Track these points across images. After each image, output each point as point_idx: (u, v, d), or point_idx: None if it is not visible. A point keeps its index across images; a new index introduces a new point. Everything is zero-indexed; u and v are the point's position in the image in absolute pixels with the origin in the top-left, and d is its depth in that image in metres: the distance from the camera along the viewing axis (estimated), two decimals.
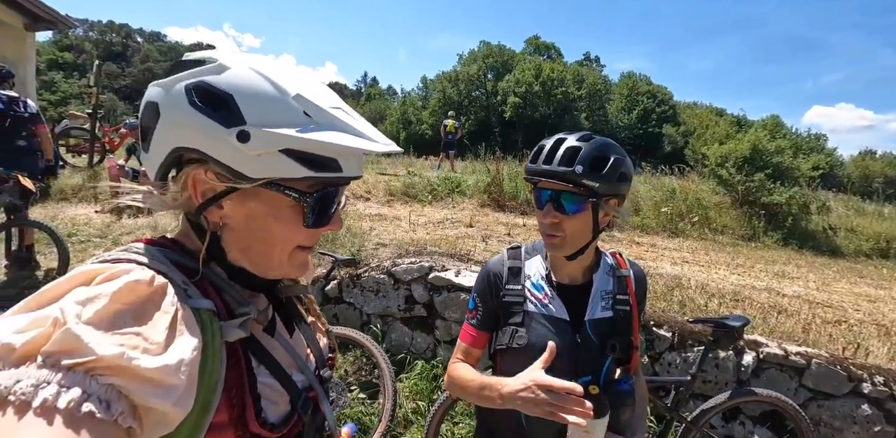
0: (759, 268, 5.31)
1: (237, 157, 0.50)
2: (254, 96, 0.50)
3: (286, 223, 0.55)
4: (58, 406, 0.36)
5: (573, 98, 33.20)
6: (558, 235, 1.01)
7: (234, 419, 0.52)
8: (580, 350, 1.04)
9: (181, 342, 0.44)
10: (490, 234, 4.51)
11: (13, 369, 0.37)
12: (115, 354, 0.39)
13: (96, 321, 0.40)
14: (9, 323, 0.40)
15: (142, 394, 0.40)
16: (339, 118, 0.53)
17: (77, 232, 4.95)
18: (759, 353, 2.36)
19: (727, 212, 8.28)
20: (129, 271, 0.46)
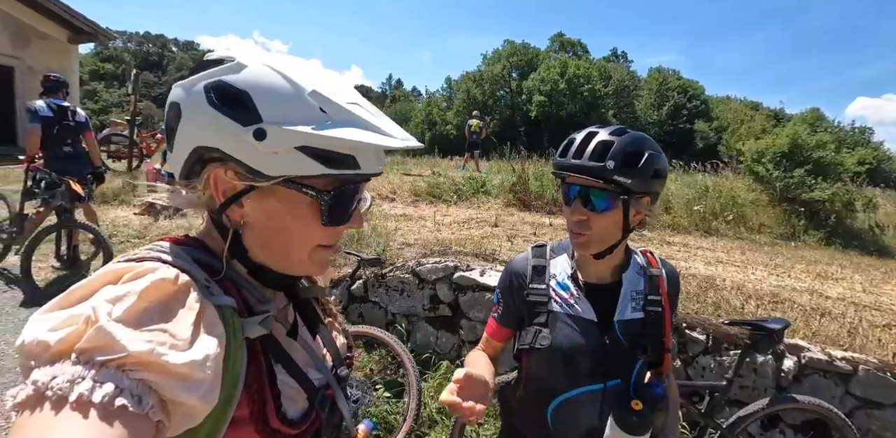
0: (800, 269, 5.06)
1: (254, 155, 0.50)
2: (270, 93, 0.50)
3: (304, 221, 0.55)
4: (93, 401, 0.37)
5: (600, 95, 32.53)
6: (585, 233, 0.98)
7: (254, 414, 0.52)
8: (608, 352, 1.00)
9: (206, 338, 0.45)
10: (516, 234, 4.47)
11: (49, 366, 0.39)
12: (145, 350, 0.40)
13: (126, 318, 0.41)
14: (43, 321, 0.41)
15: (170, 389, 0.41)
16: (355, 114, 0.52)
17: (117, 233, 5.18)
18: (800, 358, 2.24)
19: (764, 209, 7.94)
20: (155, 270, 0.47)
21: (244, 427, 0.52)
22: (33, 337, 0.40)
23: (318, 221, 0.55)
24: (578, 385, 1.00)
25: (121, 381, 0.39)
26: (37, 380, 0.38)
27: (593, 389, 0.99)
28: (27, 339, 0.40)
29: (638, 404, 0.87)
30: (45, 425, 0.36)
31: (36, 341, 0.40)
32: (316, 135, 0.49)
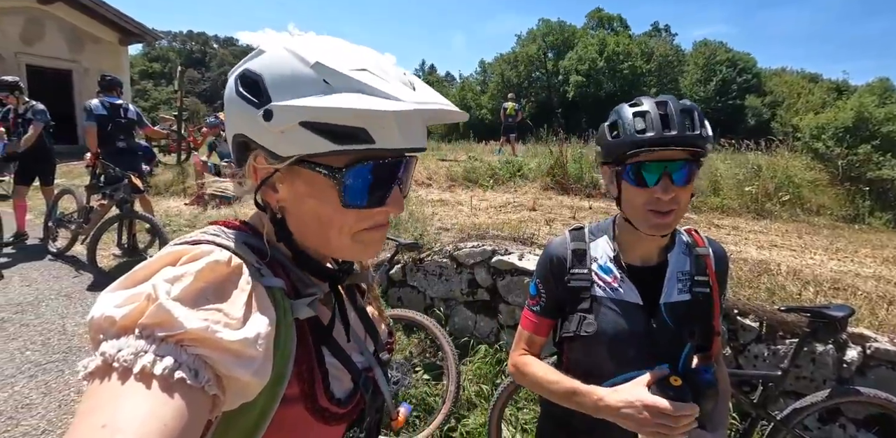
0: (865, 253, 4.69)
1: (269, 137, 0.50)
2: (279, 73, 0.50)
3: (329, 203, 0.53)
4: (154, 373, 0.39)
5: (641, 72, 31.03)
6: (673, 211, 0.91)
7: (304, 391, 0.54)
8: (654, 336, 0.96)
9: (257, 317, 0.47)
10: (554, 218, 4.39)
11: (115, 339, 0.41)
12: (201, 327, 0.42)
13: (182, 297, 0.43)
14: (109, 299, 0.44)
15: (225, 364, 0.43)
16: (358, 80, 0.48)
17: (170, 222, 5.48)
18: (865, 348, 2.09)
19: (824, 190, 7.39)
20: (210, 252, 0.49)
21: (294, 405, 0.53)
22: (101, 313, 0.43)
23: (339, 203, 0.53)
24: (624, 371, 0.97)
25: (179, 356, 0.41)
26: (105, 352, 0.41)
27: (640, 374, 0.95)
28: (96, 315, 0.43)
29: (676, 380, 0.83)
30: (112, 393, 0.39)
31: (104, 316, 0.42)
32: (312, 107, 0.47)
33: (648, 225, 0.94)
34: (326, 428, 0.57)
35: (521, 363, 1.08)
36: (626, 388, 0.88)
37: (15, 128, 4.91)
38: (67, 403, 2.57)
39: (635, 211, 0.95)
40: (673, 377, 0.84)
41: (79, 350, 3.11)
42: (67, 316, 3.57)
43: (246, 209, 5.96)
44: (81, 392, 2.66)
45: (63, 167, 8.83)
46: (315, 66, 0.49)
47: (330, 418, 0.56)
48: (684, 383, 0.83)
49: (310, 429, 0.56)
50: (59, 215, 4.98)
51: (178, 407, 0.39)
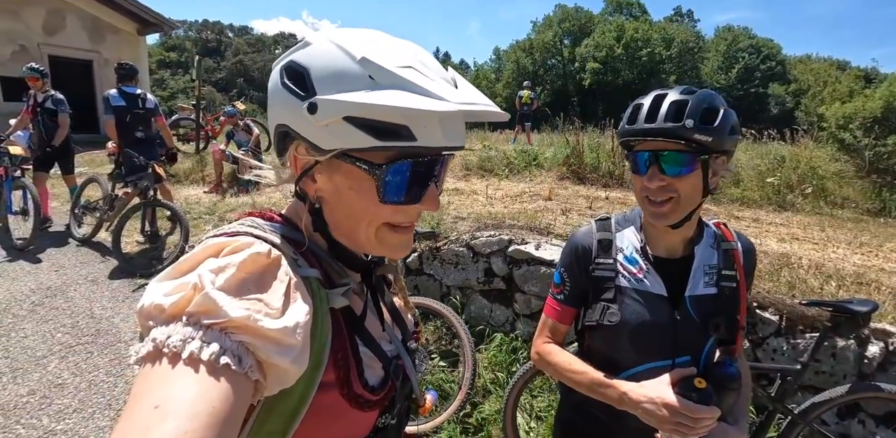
0: (890, 248, 4.58)
1: (312, 130, 0.52)
2: (325, 67, 0.51)
3: (366, 197, 0.54)
4: (202, 358, 0.41)
5: (661, 59, 30.25)
6: (667, 201, 0.92)
7: (340, 378, 0.56)
8: (678, 328, 0.97)
9: (296, 307, 0.48)
10: (570, 208, 4.36)
11: (164, 326, 0.44)
12: (244, 316, 0.44)
13: (227, 287, 0.45)
14: (158, 288, 0.46)
15: (266, 351, 0.44)
16: (404, 78, 0.48)
17: (190, 210, 5.59)
18: (888, 344, 2.06)
19: (850, 182, 7.18)
20: (251, 244, 0.50)
21: (331, 392, 0.55)
22: (151, 301, 0.45)
23: (376, 198, 0.54)
24: (646, 361, 0.98)
25: (224, 342, 0.43)
26: (155, 338, 0.43)
27: (661, 366, 0.97)
28: (146, 303, 0.45)
29: (701, 382, 0.84)
30: (163, 377, 0.41)
31: (153, 304, 0.45)
32: (357, 102, 0.47)
33: (647, 212, 0.97)
34: (360, 414, 0.59)
35: (546, 352, 1.09)
36: (651, 385, 0.89)
37: (34, 116, 5.01)
38: (97, 383, 2.68)
39: (638, 197, 0.99)
40: (698, 379, 0.85)
41: (106, 333, 3.23)
42: (94, 300, 3.70)
43: (263, 198, 6.04)
44: (110, 372, 2.78)
45: (85, 156, 9.04)
46: (361, 62, 0.49)
47: (364, 404, 0.58)
48: (708, 385, 0.84)
49: (345, 415, 0.58)
50: (84, 202, 5.12)
51: (224, 390, 0.41)
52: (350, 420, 0.59)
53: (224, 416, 0.40)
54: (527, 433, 2.29)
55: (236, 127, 6.74)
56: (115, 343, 3.12)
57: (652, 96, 0.95)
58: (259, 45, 67.68)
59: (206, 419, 0.39)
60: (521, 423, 2.29)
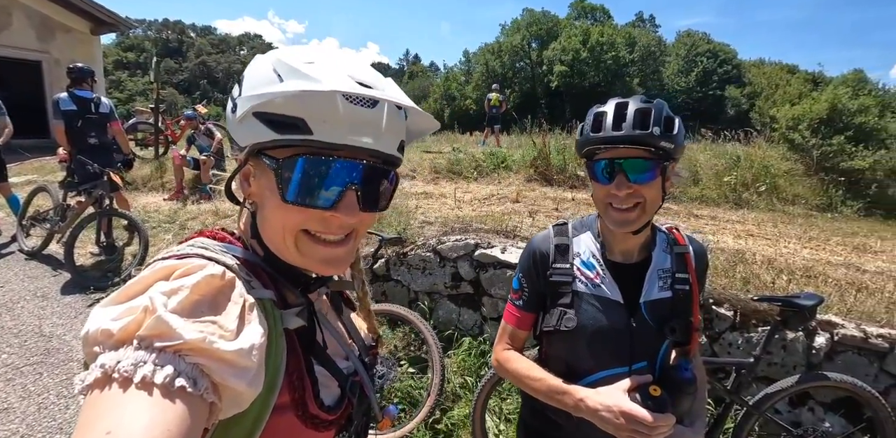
0: (836, 242, 4.85)
1: (234, 128, 0.55)
2: (250, 73, 0.55)
3: (276, 197, 0.53)
4: (155, 382, 0.40)
5: (625, 63, 31.16)
6: (635, 207, 0.94)
7: (295, 400, 0.55)
8: (634, 334, 0.98)
9: (250, 329, 0.48)
10: (537, 210, 4.42)
11: (113, 351, 0.42)
12: (198, 338, 0.43)
13: (179, 310, 0.44)
14: (104, 313, 0.44)
15: (221, 374, 0.44)
16: (301, 70, 0.49)
17: (149, 218, 5.37)
18: (833, 335, 2.18)
19: (799, 180, 7.58)
20: (204, 267, 0.50)
21: (286, 414, 0.54)
22: (97, 327, 0.43)
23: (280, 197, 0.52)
24: (603, 367, 0.99)
25: (178, 365, 0.42)
26: (104, 364, 0.41)
27: (618, 373, 0.98)
28: (91, 329, 0.43)
29: (657, 390, 0.85)
30: (114, 402, 0.39)
31: (100, 330, 0.43)
32: (255, 94, 0.50)
33: (610, 219, 0.97)
34: (316, 435, 0.58)
35: (504, 358, 1.09)
36: (607, 392, 0.90)
37: None
38: (47, 406, 2.53)
39: (599, 205, 1.00)
40: (653, 387, 0.86)
41: (57, 351, 3.05)
42: (44, 316, 3.49)
43: (227, 205, 5.86)
44: (61, 394, 2.63)
45: (35, 162, 8.54)
46: (274, 62, 0.52)
47: (320, 425, 0.58)
48: (663, 392, 0.85)
49: (301, 435, 0.57)
50: (33, 213, 4.83)
51: (179, 414, 0.40)
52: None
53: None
54: (496, 435, 2.30)
55: (197, 131, 6.51)
56: (66, 362, 2.95)
57: (613, 104, 0.96)
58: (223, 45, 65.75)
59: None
60: (490, 426, 2.30)
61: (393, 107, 0.54)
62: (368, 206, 0.56)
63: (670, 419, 0.84)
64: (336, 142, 0.50)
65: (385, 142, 0.53)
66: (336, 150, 0.51)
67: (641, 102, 0.94)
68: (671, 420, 0.84)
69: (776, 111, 8.85)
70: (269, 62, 0.53)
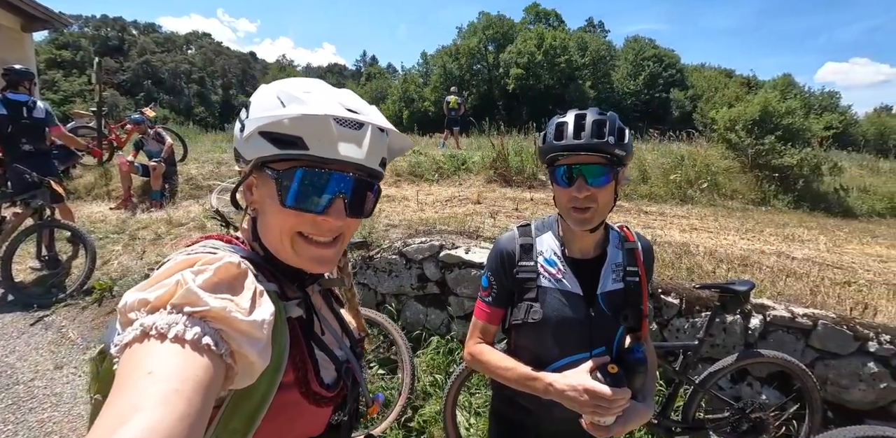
0: (769, 232, 5.29)
1: (241, 145, 0.65)
2: (256, 100, 0.66)
3: (275, 202, 0.62)
4: (186, 338, 0.48)
5: (577, 66, 32.27)
6: (591, 208, 1.04)
7: (298, 378, 0.63)
8: (593, 322, 1.09)
9: (261, 309, 0.56)
10: (498, 210, 4.55)
11: (149, 315, 0.49)
12: (221, 307, 0.51)
13: (204, 286, 0.52)
14: (138, 290, 0.53)
15: (237, 341, 0.51)
16: (298, 98, 0.61)
17: (95, 229, 5.08)
18: (765, 316, 2.41)
19: (737, 176, 8.17)
20: (222, 258, 0.58)
21: (291, 391, 0.62)
22: (135, 298, 0.51)
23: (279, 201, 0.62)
24: (566, 354, 1.09)
25: (204, 327, 0.49)
26: (143, 324, 0.48)
27: (580, 358, 1.08)
28: (129, 300, 0.51)
29: (613, 368, 0.95)
30: (152, 351, 0.47)
31: (137, 300, 0.51)
32: (261, 117, 0.61)
33: (572, 220, 1.08)
34: (317, 410, 0.66)
35: (477, 352, 1.17)
36: (571, 374, 0.99)
37: None
38: None
39: (561, 207, 1.09)
40: (610, 365, 0.96)
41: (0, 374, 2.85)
42: None
43: (181, 212, 5.62)
44: (7, 420, 2.47)
45: None
46: (278, 91, 0.64)
47: (320, 400, 0.66)
48: (620, 370, 0.95)
49: (303, 412, 0.65)
50: None
51: (206, 365, 0.47)
52: (307, 418, 0.66)
53: (206, 385, 0.46)
54: (467, 429, 2.37)
55: (145, 136, 6.20)
56: (10, 385, 2.76)
57: (573, 115, 1.06)
58: (169, 44, 62.25)
59: (192, 383, 0.45)
60: (461, 421, 2.37)
61: (376, 129, 0.64)
62: (354, 213, 0.66)
63: (627, 392, 0.94)
64: (328, 157, 0.61)
65: (369, 159, 0.63)
66: (328, 164, 0.61)
67: (597, 114, 1.05)
68: (628, 393, 0.94)
69: (715, 113, 9.48)
70: (273, 91, 0.64)
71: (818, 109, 13.20)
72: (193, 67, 56.77)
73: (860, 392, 2.26)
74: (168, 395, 0.43)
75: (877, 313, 2.70)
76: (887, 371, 2.24)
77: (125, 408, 0.41)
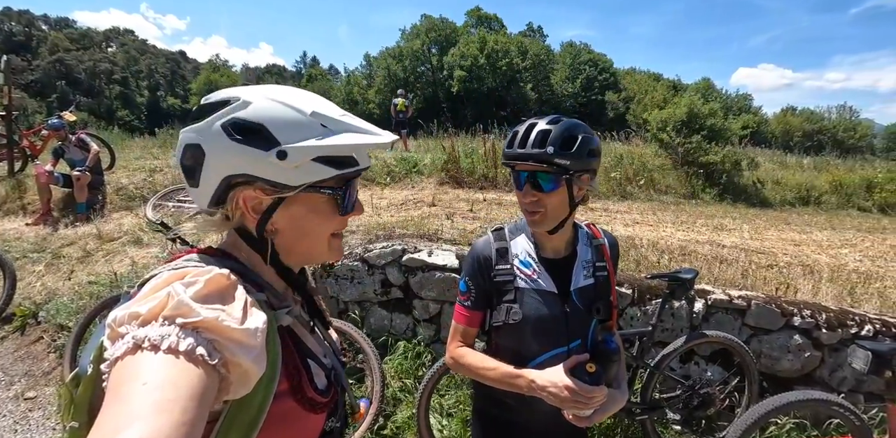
0: (701, 223, 5.76)
1: (279, 172, 0.62)
2: (281, 121, 0.62)
3: (323, 216, 0.68)
4: (180, 349, 0.48)
5: (518, 69, 33.26)
6: (539, 212, 1.10)
7: (293, 386, 0.64)
8: (569, 318, 1.15)
9: (253, 318, 0.56)
10: (453, 212, 4.60)
11: (141, 328, 0.49)
12: (213, 317, 0.51)
13: (196, 297, 0.53)
14: (128, 304, 0.52)
15: (231, 350, 0.51)
16: (346, 122, 0.65)
17: (10, 248, 4.57)
18: (707, 300, 2.63)
19: (669, 173, 8.81)
20: (212, 270, 0.58)
21: (286, 400, 0.63)
22: (125, 311, 0.51)
23: (334, 213, 0.68)
24: (546, 350, 1.14)
25: (197, 338, 0.49)
26: (135, 336, 0.48)
27: (559, 353, 1.13)
28: (119, 314, 0.51)
29: (592, 367, 1.00)
30: (146, 362, 0.47)
31: (128, 313, 0.50)
32: (325, 145, 0.62)
33: (527, 220, 1.15)
34: (313, 417, 0.67)
35: (459, 355, 1.19)
36: (552, 372, 1.03)
37: None
38: None
39: (520, 209, 1.16)
40: (589, 364, 1.01)
41: None
42: None
43: (111, 225, 5.18)
44: None
45: None
46: (314, 115, 0.63)
47: (316, 406, 0.67)
48: (598, 368, 1.01)
49: (299, 420, 0.65)
50: None
51: (200, 375, 0.47)
52: (303, 425, 0.67)
53: (201, 395, 0.46)
54: (440, 431, 2.39)
55: (66, 142, 5.63)
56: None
57: (526, 125, 1.11)
58: (86, 41, 56.77)
59: (187, 393, 0.45)
60: (433, 423, 2.38)
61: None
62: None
63: (603, 390, 1.00)
64: (367, 166, 0.69)
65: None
66: (362, 171, 0.69)
67: (548, 123, 1.09)
68: (604, 391, 1.00)
69: (648, 115, 10.15)
70: (294, 111, 0.62)
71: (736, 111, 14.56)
72: (115, 67, 52.06)
73: (789, 363, 2.53)
74: (164, 404, 0.43)
75: (797, 291, 3.04)
76: (810, 342, 2.52)
77: (122, 417, 0.42)
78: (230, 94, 0.64)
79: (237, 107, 0.62)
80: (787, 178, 9.94)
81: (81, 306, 3.41)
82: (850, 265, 4.06)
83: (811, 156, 12.95)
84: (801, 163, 11.63)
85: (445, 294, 2.83)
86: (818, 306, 2.65)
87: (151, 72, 56.81)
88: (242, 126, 0.61)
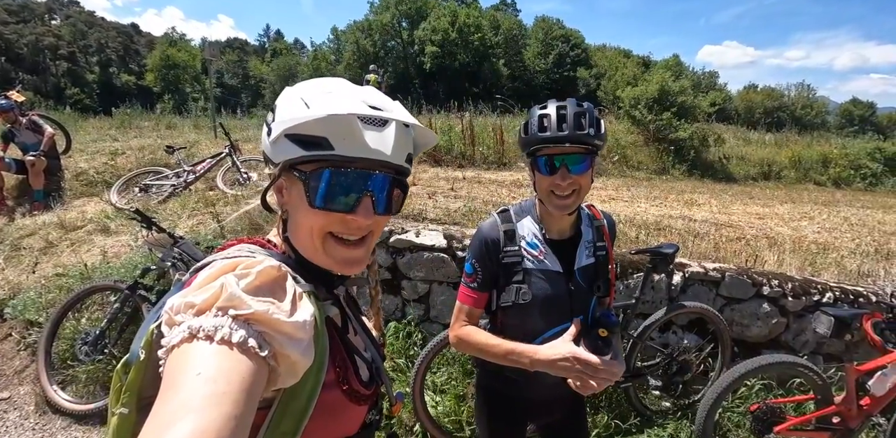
0: (673, 199, 5.95)
1: (269, 149, 0.65)
2: (281, 103, 0.65)
3: (304, 204, 0.62)
4: (232, 341, 0.49)
5: (491, 45, 32.69)
6: (571, 195, 1.12)
7: (340, 377, 0.65)
8: (573, 295, 1.19)
9: (302, 310, 0.58)
10: (435, 191, 4.59)
11: (196, 317, 0.51)
12: (264, 310, 0.52)
13: (248, 289, 0.54)
14: (183, 294, 0.54)
15: (280, 342, 0.52)
16: (323, 98, 0.62)
17: None
18: (685, 273, 2.75)
19: (641, 149, 9.01)
20: (262, 261, 0.59)
21: (333, 390, 0.64)
22: (182, 301, 0.52)
23: (310, 204, 0.61)
24: (551, 327, 1.19)
25: (248, 330, 0.51)
26: (190, 326, 0.50)
27: (563, 328, 1.16)
28: (175, 303, 0.52)
29: (604, 332, 1.04)
30: (201, 352, 0.48)
31: (184, 303, 0.52)
32: (286, 119, 0.61)
33: (553, 205, 1.15)
34: (356, 408, 0.68)
35: (465, 334, 1.22)
36: (558, 344, 1.06)
37: None
38: None
39: (542, 193, 1.16)
40: (601, 329, 1.03)
41: None
42: None
43: (74, 213, 4.92)
44: None
45: None
46: (302, 93, 0.64)
47: (360, 398, 0.68)
48: (609, 334, 1.03)
49: (344, 411, 0.67)
50: None
51: (251, 367, 0.49)
52: (346, 416, 0.68)
53: (252, 387, 0.48)
54: (434, 408, 2.46)
55: (16, 125, 5.23)
56: None
57: (554, 107, 1.11)
58: (26, 13, 51.92)
59: (239, 385, 0.47)
60: (427, 400, 2.45)
61: (401, 124, 0.64)
62: (383, 210, 0.65)
63: (614, 364, 1.00)
64: (353, 156, 0.60)
65: (395, 155, 0.63)
66: (353, 162, 0.61)
67: (577, 106, 1.11)
68: (616, 366, 1.00)
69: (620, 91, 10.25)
70: (297, 93, 0.65)
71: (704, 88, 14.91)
72: (60, 41, 48.01)
73: (758, 329, 2.71)
74: (217, 397, 0.44)
75: (765, 263, 3.22)
76: (776, 310, 2.70)
77: (177, 407, 0.43)
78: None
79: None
80: (751, 154, 10.34)
81: (51, 300, 3.24)
82: (809, 237, 4.32)
83: (772, 132, 13.46)
84: (764, 139, 12.10)
85: (434, 274, 2.86)
86: (784, 276, 2.82)
87: (102, 46, 52.74)
88: (272, 107, 0.67)
